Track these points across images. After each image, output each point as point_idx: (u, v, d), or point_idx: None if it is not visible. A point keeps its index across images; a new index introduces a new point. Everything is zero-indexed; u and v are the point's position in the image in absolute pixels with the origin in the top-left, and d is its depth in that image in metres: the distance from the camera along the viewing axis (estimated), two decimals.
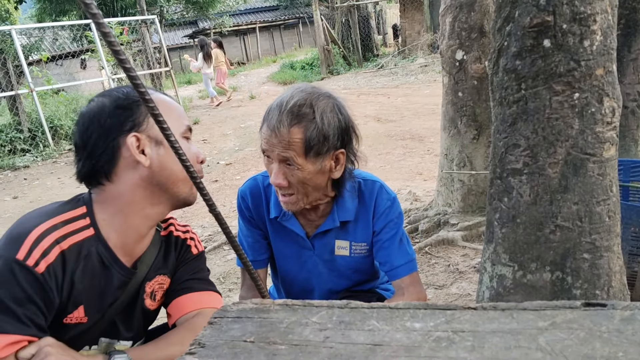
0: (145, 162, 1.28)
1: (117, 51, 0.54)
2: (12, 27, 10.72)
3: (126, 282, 1.37)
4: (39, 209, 1.33)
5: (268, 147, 1.54)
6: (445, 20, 3.69)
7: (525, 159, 1.46)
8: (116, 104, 1.29)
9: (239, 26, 32.96)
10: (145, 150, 1.29)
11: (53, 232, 1.22)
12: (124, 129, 1.27)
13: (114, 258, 1.33)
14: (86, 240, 1.27)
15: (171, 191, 1.35)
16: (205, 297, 1.50)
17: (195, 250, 1.57)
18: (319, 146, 1.51)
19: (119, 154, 1.28)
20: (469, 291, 2.97)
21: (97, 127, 1.27)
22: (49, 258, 1.18)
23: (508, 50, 1.46)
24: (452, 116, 3.78)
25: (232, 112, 12.41)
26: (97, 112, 1.29)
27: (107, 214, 1.31)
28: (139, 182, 1.30)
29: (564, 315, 0.67)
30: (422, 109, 9.82)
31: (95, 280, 1.30)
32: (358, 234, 1.77)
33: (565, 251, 1.44)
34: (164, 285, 1.50)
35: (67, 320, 1.28)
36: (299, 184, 1.56)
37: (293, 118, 1.49)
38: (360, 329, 0.70)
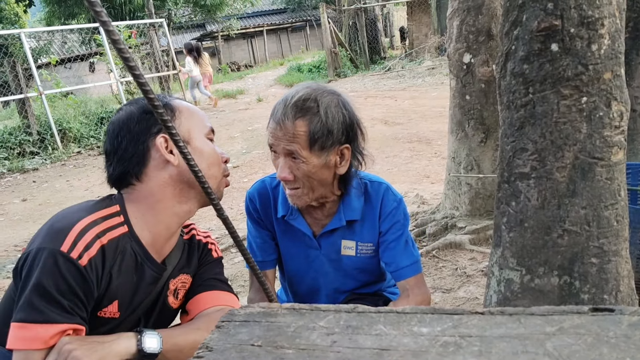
0: (175, 160, 1.34)
1: (126, 58, 0.55)
2: (21, 30, 10.81)
3: (157, 279, 1.42)
4: (74, 205, 1.37)
5: (274, 142, 1.58)
6: (453, 23, 3.69)
7: (533, 163, 1.46)
8: (143, 110, 1.35)
9: (246, 29, 33.05)
10: (174, 150, 1.34)
11: (94, 227, 1.26)
12: (152, 131, 1.34)
13: (147, 255, 1.37)
14: (122, 237, 1.32)
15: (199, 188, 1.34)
16: (227, 297, 1.54)
17: (215, 255, 1.62)
18: (323, 140, 1.55)
19: (149, 156, 1.34)
20: (476, 295, 2.96)
21: (127, 133, 1.34)
22: (91, 252, 1.23)
23: (516, 54, 1.46)
24: (459, 119, 3.78)
25: (240, 115, 12.43)
26: (125, 120, 1.35)
27: (139, 212, 1.36)
28: (168, 181, 1.35)
29: (572, 321, 0.67)
30: (429, 111, 9.80)
31: (129, 276, 1.35)
32: (364, 234, 1.78)
33: (573, 255, 1.44)
34: (186, 284, 1.54)
35: (102, 314, 1.32)
36: (305, 178, 1.59)
37: (297, 111, 1.54)
38: (367, 333, 0.70)
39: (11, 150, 9.62)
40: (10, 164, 9.18)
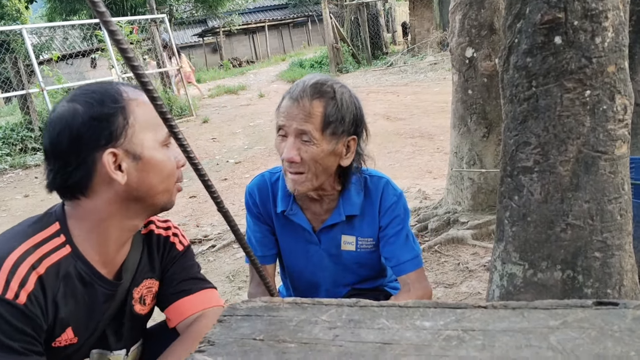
0: (122, 179, 1.20)
1: (129, 58, 0.54)
2: (23, 26, 10.79)
3: (112, 295, 1.32)
4: (8, 231, 1.25)
5: (286, 121, 1.58)
6: (455, 18, 3.67)
7: (536, 157, 1.45)
8: (90, 114, 1.17)
9: (248, 25, 33.01)
10: (123, 165, 1.20)
11: (27, 258, 1.15)
12: (100, 143, 1.17)
13: (95, 273, 1.27)
14: (63, 260, 1.21)
15: (149, 203, 1.28)
16: (203, 298, 1.46)
17: (180, 247, 1.50)
18: (335, 125, 1.57)
19: (94, 169, 1.19)
20: (478, 290, 2.96)
21: (69, 139, 1.17)
22: (28, 287, 1.13)
23: (519, 47, 1.45)
24: (462, 114, 3.77)
25: (241, 111, 12.43)
26: (68, 120, 1.17)
27: (82, 229, 1.24)
28: (115, 198, 1.22)
29: (575, 314, 0.66)
30: (431, 106, 9.79)
31: (79, 299, 1.25)
32: (364, 229, 1.78)
33: (577, 250, 1.43)
34: (152, 288, 1.45)
35: (57, 344, 1.24)
36: (311, 162, 1.58)
37: (315, 92, 1.56)
38: (369, 327, 0.69)
39: (13, 147, 9.63)
40: (12, 160, 9.20)
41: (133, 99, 1.23)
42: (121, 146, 1.19)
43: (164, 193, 1.28)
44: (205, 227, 4.94)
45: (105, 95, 1.20)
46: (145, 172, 1.23)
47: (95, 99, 1.19)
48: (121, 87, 1.25)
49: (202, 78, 22.36)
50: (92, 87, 1.23)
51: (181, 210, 5.57)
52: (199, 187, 6.30)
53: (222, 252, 4.19)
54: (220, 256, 4.12)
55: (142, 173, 1.22)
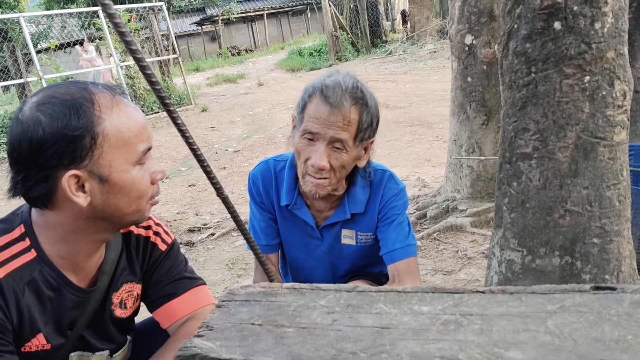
0: (84, 201, 1.11)
1: (128, 41, 0.54)
2: (20, 14, 10.75)
3: (82, 302, 1.26)
4: None
5: (321, 128, 1.52)
6: (455, 5, 3.66)
7: (535, 143, 1.45)
8: (54, 131, 1.06)
9: (246, 13, 32.85)
10: (86, 186, 1.10)
11: None
12: (62, 162, 1.07)
13: (63, 279, 1.21)
14: (27, 265, 1.15)
15: (117, 221, 1.20)
16: (192, 298, 1.41)
17: (163, 247, 1.42)
18: (365, 131, 1.55)
19: (56, 186, 1.09)
20: (477, 277, 2.97)
21: (28, 150, 1.07)
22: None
23: (518, 33, 1.45)
24: (461, 101, 3.76)
25: (240, 100, 12.40)
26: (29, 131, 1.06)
27: (49, 238, 1.18)
28: (80, 215, 1.14)
29: (573, 299, 0.66)
30: (430, 95, 9.77)
31: (46, 305, 1.20)
32: (364, 224, 1.77)
33: (575, 236, 1.44)
34: (133, 292, 1.39)
35: (26, 348, 1.20)
36: (339, 168, 1.56)
37: (354, 98, 1.52)
38: (367, 312, 0.69)
39: None
40: None
41: (107, 113, 1.11)
42: (85, 167, 1.09)
43: (134, 213, 1.19)
44: (205, 215, 4.94)
45: (74, 109, 1.07)
46: (112, 195, 1.14)
47: (62, 112, 1.07)
48: (96, 94, 1.12)
49: (201, 67, 22.30)
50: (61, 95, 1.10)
51: (180, 198, 5.57)
52: (198, 176, 6.30)
53: (221, 240, 4.20)
54: (220, 244, 4.13)
55: (108, 195, 1.13)
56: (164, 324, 1.41)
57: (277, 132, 8.36)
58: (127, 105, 1.16)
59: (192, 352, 0.64)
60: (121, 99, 1.16)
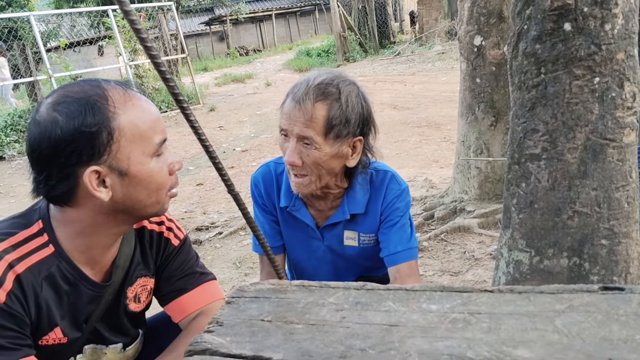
0: (106, 195, 1.14)
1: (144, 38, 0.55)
2: (30, 13, 10.80)
3: (98, 296, 1.29)
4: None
5: (288, 124, 1.53)
6: (464, 5, 3.65)
7: (544, 144, 1.44)
8: (72, 129, 1.08)
9: (255, 13, 32.88)
10: (107, 181, 1.13)
11: (5, 257, 1.13)
12: (82, 159, 1.10)
13: (80, 274, 1.23)
14: (45, 260, 1.18)
15: (137, 214, 1.23)
16: (202, 293, 1.44)
17: (176, 242, 1.45)
18: (339, 128, 1.52)
19: (77, 183, 1.12)
20: (484, 278, 2.97)
21: (48, 149, 1.10)
22: (6, 286, 1.11)
23: (528, 33, 1.44)
24: (469, 102, 3.75)
25: (248, 99, 12.42)
26: (49, 131, 1.09)
27: (66, 233, 1.20)
28: (101, 209, 1.17)
29: (581, 299, 0.66)
30: (439, 96, 9.75)
31: (63, 299, 1.22)
32: (366, 225, 1.77)
33: (583, 237, 1.43)
34: (147, 286, 1.42)
35: (43, 342, 1.22)
36: (314, 165, 1.55)
37: (319, 94, 1.50)
38: (376, 309, 0.70)
39: (21, 133, 9.66)
40: (20, 147, 9.24)
41: (121, 108, 1.14)
42: (105, 163, 1.12)
43: (154, 205, 1.22)
44: (212, 214, 4.96)
45: (89, 106, 1.11)
46: (132, 187, 1.17)
47: (78, 110, 1.10)
48: (109, 90, 1.15)
49: (209, 66, 22.35)
50: (75, 94, 1.13)
51: (188, 197, 5.59)
52: (206, 175, 6.32)
53: (228, 239, 4.21)
54: (227, 243, 4.14)
55: (128, 188, 1.16)
56: (175, 318, 1.43)
57: None
58: (139, 99, 1.18)
59: (203, 347, 0.65)
60: (134, 93, 1.19)
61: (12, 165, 8.56)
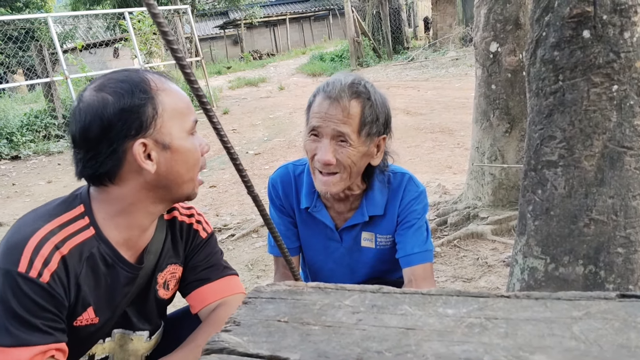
0: (152, 168, 1.22)
1: (169, 41, 0.56)
2: (48, 14, 10.92)
3: (133, 278, 1.34)
4: (34, 210, 1.28)
5: (322, 122, 1.54)
6: (480, 12, 3.64)
7: (561, 151, 1.44)
8: (121, 106, 1.18)
9: (269, 17, 33.01)
10: (152, 154, 1.22)
11: (51, 238, 1.18)
12: (130, 133, 1.18)
13: (118, 256, 1.29)
14: (87, 242, 1.23)
15: (176, 191, 1.30)
16: (224, 285, 1.48)
17: (204, 234, 1.52)
18: (371, 125, 1.55)
19: (124, 159, 1.20)
20: (497, 285, 2.95)
21: (100, 127, 1.17)
22: (52, 266, 1.16)
23: (546, 40, 1.44)
24: (484, 109, 3.74)
25: (262, 103, 12.46)
26: (99, 110, 1.18)
27: (107, 213, 1.27)
28: (143, 185, 1.24)
29: (599, 306, 0.66)
30: (452, 102, 9.72)
31: (101, 280, 1.28)
32: (384, 227, 1.77)
33: (599, 245, 1.42)
34: (176, 274, 1.47)
35: (77, 322, 1.26)
36: (347, 163, 1.56)
37: (354, 92, 1.54)
38: (392, 313, 0.70)
39: (37, 133, 9.76)
40: (35, 147, 9.33)
41: (161, 88, 1.24)
42: (151, 136, 1.20)
43: (189, 182, 1.30)
44: (225, 216, 4.97)
45: (134, 86, 1.20)
46: (173, 161, 1.24)
47: (125, 89, 1.19)
48: (148, 75, 1.25)
49: (223, 70, 22.44)
50: (119, 76, 1.23)
51: (201, 199, 5.61)
52: (219, 177, 6.35)
53: (241, 241, 4.22)
54: (240, 245, 4.15)
55: (170, 162, 1.24)
56: (195, 307, 1.47)
57: (297, 136, 8.38)
58: (173, 84, 1.30)
59: (220, 346, 0.65)
60: (168, 80, 1.30)
61: (28, 164, 8.64)
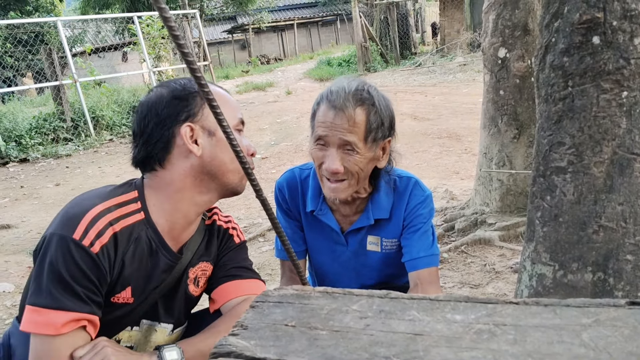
0: (198, 151, 1.31)
1: (180, 44, 0.56)
2: (57, 18, 11.00)
3: (172, 267, 1.40)
4: (92, 190, 1.37)
5: (328, 131, 1.55)
6: (489, 18, 3.64)
7: (570, 157, 1.43)
8: (173, 95, 1.33)
9: (277, 22, 33.15)
10: (198, 140, 1.32)
11: (107, 215, 1.25)
12: (180, 118, 1.31)
13: (162, 242, 1.36)
14: (137, 224, 1.31)
15: (220, 180, 1.37)
16: (251, 285, 1.53)
17: (237, 240, 1.60)
18: (376, 131, 1.56)
19: (173, 143, 1.32)
20: (505, 291, 2.93)
21: (154, 116, 1.32)
22: (103, 239, 1.22)
23: (555, 46, 1.44)
24: (492, 115, 3.73)
25: (269, 107, 12.49)
26: (155, 102, 1.33)
27: (157, 199, 1.35)
28: (190, 171, 1.33)
29: (608, 313, 0.66)
30: (460, 107, 9.71)
31: (143, 263, 1.34)
32: (390, 231, 1.78)
33: (608, 252, 1.42)
34: (206, 272, 1.53)
35: (115, 299, 1.32)
36: (354, 171, 1.57)
37: (358, 100, 1.54)
38: (400, 318, 0.70)
39: (45, 136, 9.81)
40: (44, 150, 9.38)
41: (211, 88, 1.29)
42: (198, 122, 1.32)
43: (234, 173, 1.38)
44: None
45: (187, 82, 1.36)
46: (218, 148, 1.34)
47: (179, 84, 1.36)
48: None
49: (230, 74, 22.52)
50: (174, 81, 1.39)
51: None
52: None
53: (247, 245, 4.22)
54: None
55: (215, 148, 1.34)
56: (218, 302, 1.51)
57: (304, 140, 8.39)
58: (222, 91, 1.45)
59: (227, 350, 0.65)
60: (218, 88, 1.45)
61: (36, 167, 8.68)
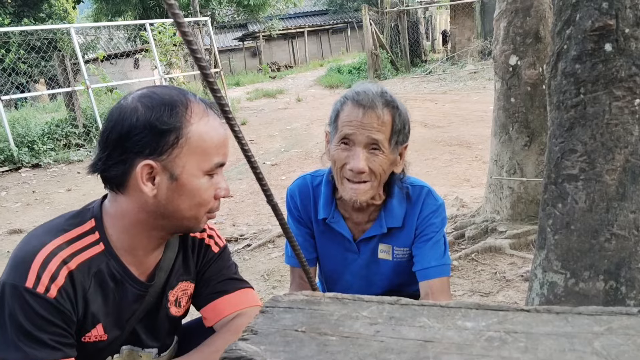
0: (151, 192, 1.20)
1: (193, 50, 0.56)
2: (70, 25, 11.12)
3: (142, 296, 1.33)
4: (45, 224, 1.28)
5: (356, 129, 1.55)
6: (500, 25, 3.63)
7: (582, 165, 1.43)
8: (145, 121, 1.17)
9: (287, 30, 33.32)
10: (156, 179, 1.19)
11: (59, 253, 1.18)
12: (144, 151, 1.17)
13: (127, 272, 1.28)
14: (96, 257, 1.23)
15: (174, 223, 1.27)
16: (241, 297, 1.47)
17: (216, 249, 1.50)
18: (399, 134, 1.58)
19: (131, 171, 1.19)
20: (515, 299, 2.91)
21: (118, 133, 1.17)
22: (59, 281, 1.15)
23: (568, 53, 1.43)
24: (503, 122, 3.72)
25: (279, 115, 12.52)
26: (126, 115, 1.18)
27: (115, 229, 1.26)
28: (144, 206, 1.22)
29: (621, 321, 0.65)
30: (470, 115, 9.68)
31: (110, 296, 1.27)
32: (401, 239, 1.77)
33: (620, 260, 1.40)
34: (187, 290, 1.46)
35: (86, 339, 1.26)
36: (378, 172, 1.57)
37: (385, 100, 1.56)
38: (410, 325, 0.69)
39: (57, 142, 9.88)
40: (56, 155, 9.44)
41: (197, 120, 1.21)
42: (162, 161, 1.18)
43: (191, 219, 1.27)
44: (241, 226, 4.99)
45: (169, 108, 1.18)
46: (176, 194, 1.22)
47: (159, 107, 1.18)
48: (192, 101, 1.22)
49: (241, 81, 22.62)
50: (161, 93, 1.22)
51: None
52: (236, 187, 6.37)
53: (257, 252, 4.23)
54: (256, 255, 4.16)
55: (173, 193, 1.21)
56: (211, 320, 1.45)
57: (314, 147, 8.40)
58: (215, 120, 1.26)
59: (237, 355, 0.65)
60: (212, 112, 1.26)
61: (48, 172, 8.74)
